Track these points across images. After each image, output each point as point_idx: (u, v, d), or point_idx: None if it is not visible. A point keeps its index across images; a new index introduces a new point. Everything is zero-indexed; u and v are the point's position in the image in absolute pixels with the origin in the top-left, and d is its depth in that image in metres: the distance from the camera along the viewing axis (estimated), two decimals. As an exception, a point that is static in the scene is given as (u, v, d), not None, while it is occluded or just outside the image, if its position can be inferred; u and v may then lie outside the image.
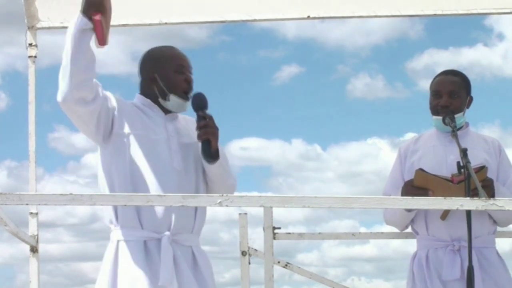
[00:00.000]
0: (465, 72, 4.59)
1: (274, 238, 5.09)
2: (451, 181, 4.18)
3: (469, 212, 3.95)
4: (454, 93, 4.47)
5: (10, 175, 11.60)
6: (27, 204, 3.48)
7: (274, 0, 4.79)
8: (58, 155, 12.20)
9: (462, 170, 4.00)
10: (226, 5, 4.78)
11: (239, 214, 5.22)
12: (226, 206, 3.01)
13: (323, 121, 11.93)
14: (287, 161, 12.26)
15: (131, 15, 4.76)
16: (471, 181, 3.85)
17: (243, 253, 5.21)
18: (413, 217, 4.47)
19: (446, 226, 4.34)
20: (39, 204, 4.12)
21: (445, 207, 3.14)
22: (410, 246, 4.70)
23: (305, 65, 12.16)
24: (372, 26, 11.69)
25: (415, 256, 4.49)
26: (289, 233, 5.23)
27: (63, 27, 4.74)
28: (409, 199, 3.25)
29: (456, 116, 4.43)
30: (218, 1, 4.79)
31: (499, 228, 4.54)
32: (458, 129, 4.36)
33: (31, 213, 4.60)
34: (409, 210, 4.39)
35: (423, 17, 4.86)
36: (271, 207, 4.91)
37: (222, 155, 3.85)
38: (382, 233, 5.25)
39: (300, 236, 5.28)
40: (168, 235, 3.70)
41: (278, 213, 5.25)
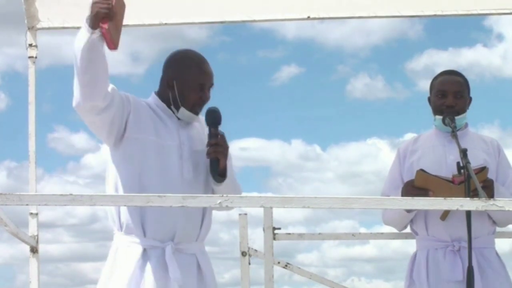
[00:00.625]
0: (465, 72, 4.61)
1: (274, 239, 5.08)
2: (452, 182, 4.18)
3: (468, 213, 3.95)
4: (459, 93, 4.47)
5: (10, 175, 11.60)
6: (27, 205, 3.48)
7: (274, 0, 4.79)
8: (57, 155, 12.20)
9: (463, 171, 4.00)
10: (226, 6, 4.78)
11: (239, 214, 5.22)
12: (226, 206, 3.01)
13: (322, 122, 11.94)
14: (287, 161, 12.26)
15: (132, 16, 4.75)
16: (471, 181, 3.85)
17: (243, 254, 5.21)
18: (412, 218, 4.47)
19: (446, 226, 4.34)
20: (39, 205, 4.11)
21: (445, 207, 3.13)
22: (410, 246, 4.70)
23: (305, 66, 12.17)
24: (371, 26, 11.69)
25: (414, 257, 4.49)
26: (289, 234, 5.23)
27: (63, 28, 4.74)
28: (409, 199, 3.24)
29: (460, 116, 4.43)
30: (218, 2, 4.79)
31: (498, 229, 4.54)
32: (458, 130, 4.36)
33: (31, 213, 4.60)
34: (409, 211, 4.38)
35: (423, 17, 4.86)
36: (271, 208, 4.90)
37: (230, 173, 3.80)
38: (382, 233, 5.25)
39: (300, 236, 5.28)
40: (172, 245, 3.68)
41: (278, 213, 5.25)
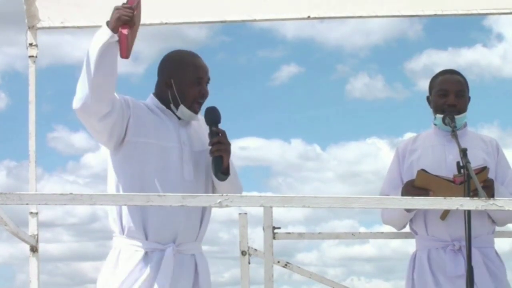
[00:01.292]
0: (464, 72, 4.61)
1: (274, 238, 5.08)
2: (453, 181, 4.18)
3: (467, 212, 3.95)
4: (460, 93, 4.47)
5: (9, 175, 11.60)
6: (27, 204, 3.48)
7: (274, 0, 4.79)
8: (57, 155, 12.19)
9: (463, 171, 4.00)
10: (226, 6, 4.78)
11: (239, 214, 5.22)
12: (226, 206, 3.01)
13: (322, 121, 11.93)
14: (287, 161, 12.25)
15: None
16: (472, 181, 3.85)
17: (243, 253, 5.21)
18: (412, 217, 4.47)
19: (446, 226, 4.34)
20: (39, 204, 4.12)
21: (445, 207, 3.14)
22: (410, 246, 4.70)
23: (304, 65, 12.15)
24: (371, 26, 11.68)
25: (414, 256, 4.49)
26: (289, 233, 5.22)
27: (63, 27, 4.74)
28: (409, 199, 3.24)
29: (461, 116, 4.44)
30: (219, 2, 4.79)
31: (498, 228, 4.54)
32: (458, 129, 4.36)
33: (31, 212, 4.60)
34: (409, 210, 4.38)
35: (423, 17, 4.86)
36: (271, 207, 4.90)
37: (232, 171, 3.81)
38: (382, 233, 5.25)
39: (300, 236, 5.28)
40: (173, 247, 3.69)
41: (278, 213, 5.24)
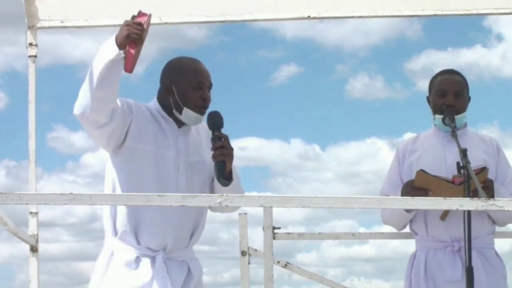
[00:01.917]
0: (464, 73, 4.60)
1: (273, 238, 5.08)
2: (452, 182, 4.18)
3: (468, 213, 3.95)
4: (459, 93, 4.47)
5: (9, 174, 11.60)
6: (27, 204, 3.48)
7: (274, 0, 4.79)
8: (57, 154, 12.19)
9: (463, 171, 3.99)
10: (226, 5, 4.78)
11: (239, 214, 5.22)
12: (226, 206, 3.01)
13: (322, 121, 11.92)
14: (286, 161, 12.24)
15: (132, 15, 4.75)
16: (471, 182, 3.84)
17: (243, 253, 5.21)
18: (412, 217, 4.47)
19: (446, 226, 4.34)
20: (39, 204, 4.12)
21: (445, 207, 3.13)
22: (409, 246, 4.70)
23: (304, 65, 12.15)
24: (371, 26, 11.68)
25: (414, 257, 4.49)
26: (289, 233, 5.22)
27: (63, 27, 4.74)
28: (409, 199, 3.24)
29: (460, 116, 4.43)
30: (218, 1, 4.79)
31: (498, 228, 4.54)
32: (457, 129, 4.35)
33: (31, 212, 4.60)
34: (408, 211, 4.38)
35: (424, 17, 4.85)
36: (271, 207, 4.90)
37: (235, 176, 3.82)
38: (381, 233, 5.25)
39: (300, 236, 5.28)
40: (162, 254, 3.74)
41: (278, 213, 5.24)
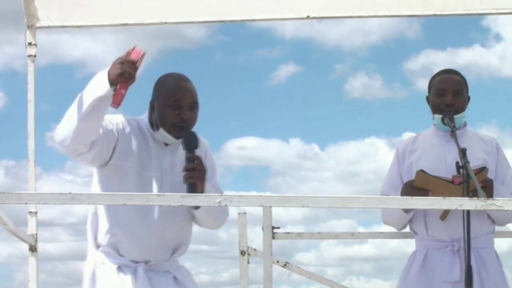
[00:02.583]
0: (463, 72, 4.60)
1: (273, 238, 5.08)
2: (452, 182, 4.18)
3: (467, 212, 3.95)
4: (458, 92, 4.47)
5: (8, 174, 11.59)
6: (26, 203, 3.48)
7: (274, 0, 4.79)
8: (56, 154, 12.13)
9: (462, 171, 3.99)
10: (226, 5, 4.77)
11: (238, 213, 5.22)
12: (226, 205, 3.01)
13: (321, 121, 11.93)
14: (285, 160, 12.24)
15: (131, 15, 4.75)
16: (471, 181, 3.84)
17: (242, 253, 5.21)
18: (412, 217, 4.47)
19: (446, 226, 4.34)
20: (38, 203, 4.12)
21: (444, 207, 3.13)
22: (409, 246, 4.70)
23: (303, 65, 12.15)
24: (370, 26, 11.69)
25: (414, 256, 4.49)
26: (288, 233, 5.22)
27: (62, 27, 4.73)
28: (409, 199, 3.24)
29: (459, 115, 4.43)
30: (218, 1, 4.78)
31: (497, 228, 4.54)
32: (457, 129, 4.35)
33: (30, 212, 4.59)
34: (407, 211, 4.38)
35: (423, 17, 4.85)
36: (270, 207, 4.90)
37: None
38: (381, 233, 5.25)
39: (299, 235, 5.28)
40: (143, 266, 3.74)
41: (277, 212, 5.24)
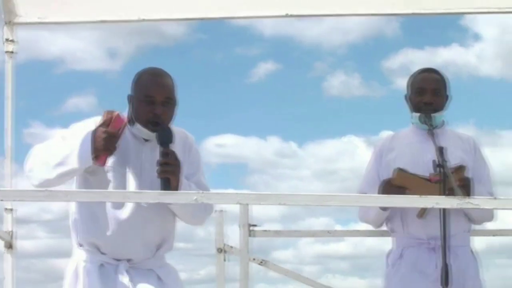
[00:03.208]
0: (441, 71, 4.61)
1: (250, 235, 5.08)
2: (429, 180, 4.19)
3: (444, 210, 3.96)
4: (437, 91, 4.48)
5: (-16, 171, 11.51)
6: (1, 200, 3.47)
7: (253, -2, 4.79)
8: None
9: (439, 169, 4.01)
10: (204, 3, 4.77)
11: (215, 211, 5.21)
12: (202, 203, 3.00)
13: (299, 119, 11.91)
14: (263, 158, 12.23)
15: (110, 11, 4.74)
16: (448, 180, 3.86)
17: (219, 250, 5.20)
18: (388, 215, 4.48)
19: (423, 224, 4.34)
20: (14, 200, 4.10)
21: (421, 205, 3.15)
22: (385, 244, 4.70)
23: (282, 63, 12.14)
24: (349, 24, 11.67)
25: (389, 254, 4.50)
26: (265, 231, 5.21)
27: (41, 23, 4.72)
28: (385, 197, 3.26)
29: (438, 114, 4.45)
30: (197, -1, 4.79)
31: (474, 226, 4.56)
32: (435, 128, 4.37)
33: (6, 209, 4.57)
34: (384, 209, 4.39)
35: (403, 16, 4.87)
36: (247, 204, 4.90)
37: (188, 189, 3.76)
38: (358, 231, 5.25)
39: (277, 233, 5.28)
40: (125, 263, 3.73)
41: (255, 210, 5.23)
